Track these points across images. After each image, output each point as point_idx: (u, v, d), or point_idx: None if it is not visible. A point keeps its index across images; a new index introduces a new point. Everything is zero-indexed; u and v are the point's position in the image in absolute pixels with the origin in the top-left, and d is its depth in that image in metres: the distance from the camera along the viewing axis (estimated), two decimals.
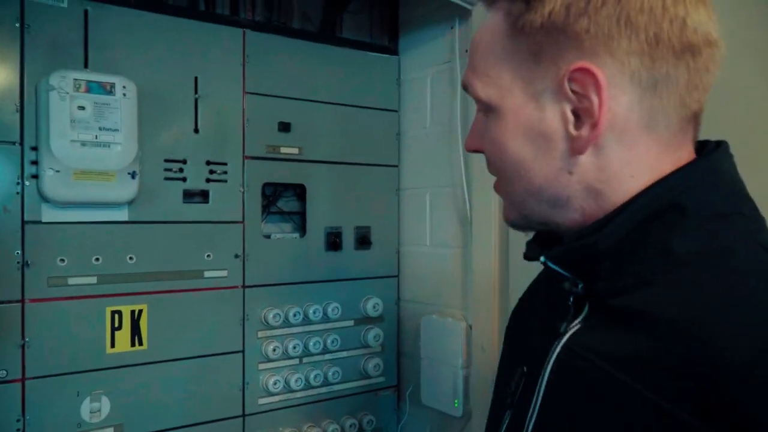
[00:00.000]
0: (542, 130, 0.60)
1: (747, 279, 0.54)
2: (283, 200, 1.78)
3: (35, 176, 1.32)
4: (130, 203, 1.44)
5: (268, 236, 1.70)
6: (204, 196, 1.56)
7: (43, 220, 1.35)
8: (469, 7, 1.60)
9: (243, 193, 1.62)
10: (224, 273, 1.59)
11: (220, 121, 1.58)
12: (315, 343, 1.71)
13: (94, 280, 1.41)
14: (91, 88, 1.31)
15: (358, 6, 2.02)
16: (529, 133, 0.61)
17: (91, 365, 1.42)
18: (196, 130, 1.54)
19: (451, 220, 1.76)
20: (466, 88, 0.66)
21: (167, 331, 1.51)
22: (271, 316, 1.64)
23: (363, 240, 1.84)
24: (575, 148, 0.59)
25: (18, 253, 1.33)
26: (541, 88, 0.59)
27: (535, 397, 0.62)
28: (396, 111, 1.92)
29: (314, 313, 1.71)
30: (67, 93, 1.28)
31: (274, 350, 1.65)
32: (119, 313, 1.45)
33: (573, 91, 0.57)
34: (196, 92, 1.54)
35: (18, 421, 1.33)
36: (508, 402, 0.69)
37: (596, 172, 0.59)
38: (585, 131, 0.58)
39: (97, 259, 1.42)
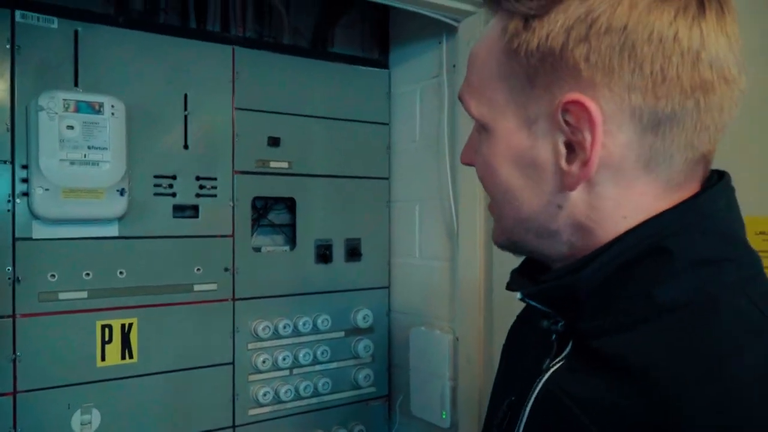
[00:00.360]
0: (533, 160, 0.56)
1: (728, 338, 0.51)
2: (275, 213, 1.80)
3: (26, 194, 1.35)
4: (120, 219, 1.46)
5: (258, 249, 1.72)
6: (194, 210, 1.59)
7: (34, 237, 1.38)
8: (455, 23, 1.62)
9: (233, 207, 1.64)
10: (214, 286, 1.62)
11: (210, 136, 1.61)
12: (305, 355, 1.74)
13: (84, 294, 1.44)
14: (80, 107, 1.34)
15: (349, 20, 2.04)
16: (519, 161, 0.57)
17: (82, 378, 1.44)
18: (186, 146, 1.57)
19: (439, 232, 1.78)
20: (461, 101, 0.62)
21: (157, 344, 1.54)
22: (260, 328, 1.66)
23: (353, 252, 1.87)
24: (566, 183, 0.55)
25: (9, 269, 1.36)
26: (535, 114, 0.55)
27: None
28: (387, 124, 1.94)
29: (304, 325, 1.73)
30: (56, 113, 1.31)
31: (263, 362, 1.67)
32: (109, 326, 1.47)
33: (566, 123, 0.53)
34: (185, 109, 1.57)
35: None
36: None
37: (587, 209, 0.55)
38: (576, 167, 0.53)
39: (88, 274, 1.44)
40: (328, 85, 1.83)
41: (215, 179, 1.62)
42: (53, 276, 1.40)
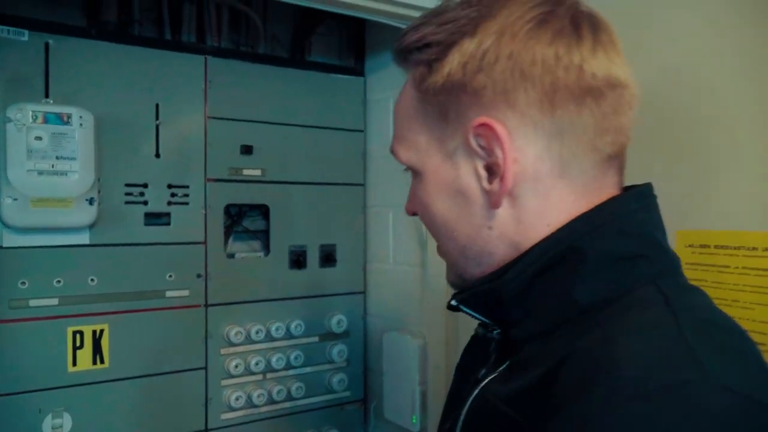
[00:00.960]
0: (460, 188, 0.61)
1: (622, 342, 0.52)
2: (250, 220, 1.83)
3: None
4: (91, 227, 1.49)
5: (232, 256, 1.75)
6: (166, 218, 1.62)
7: (4, 245, 1.41)
8: None
9: (205, 214, 1.67)
10: (186, 292, 1.64)
11: (182, 145, 1.64)
12: (278, 360, 1.76)
13: (55, 301, 1.47)
14: (48, 119, 1.37)
15: (326, 28, 2.07)
16: (449, 192, 0.62)
17: (53, 383, 1.47)
18: (158, 155, 1.60)
19: (411, 239, 1.80)
20: (393, 154, 0.68)
21: (129, 350, 1.57)
22: (233, 333, 1.69)
23: (328, 258, 1.89)
24: (491, 202, 0.59)
25: None
26: (453, 146, 0.60)
27: None
28: (362, 131, 1.97)
29: (277, 330, 1.76)
30: (24, 124, 1.33)
31: (236, 367, 1.70)
32: (81, 332, 1.50)
33: (480, 147, 0.58)
34: (157, 118, 1.59)
35: None
36: None
37: (515, 224, 0.60)
38: (496, 185, 0.58)
39: (59, 281, 1.47)
40: (304, 93, 1.85)
41: (187, 187, 1.65)
42: (23, 283, 1.43)
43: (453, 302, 0.66)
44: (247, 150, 1.74)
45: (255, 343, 1.74)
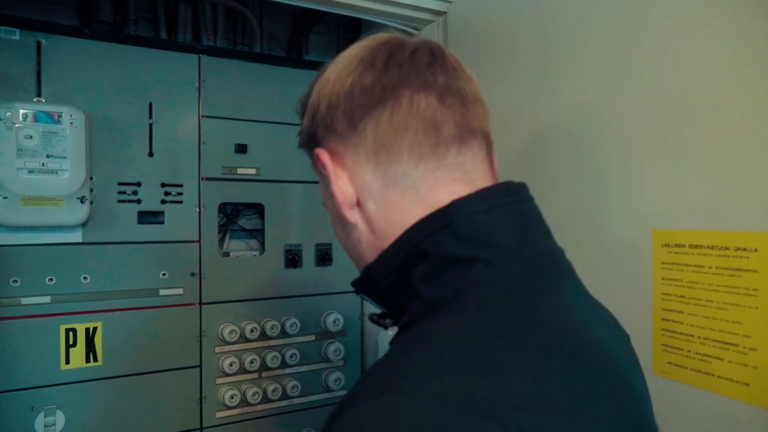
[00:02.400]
0: (335, 213, 0.71)
1: (426, 337, 0.56)
2: (246, 218, 1.83)
3: None
4: (83, 225, 1.50)
5: (227, 254, 1.75)
6: (159, 216, 1.62)
7: None
8: (413, 32, 1.64)
9: (199, 213, 1.67)
10: (180, 291, 1.65)
11: (176, 144, 1.64)
12: (273, 358, 1.76)
13: (47, 299, 1.48)
14: (39, 117, 1.38)
15: (323, 27, 2.07)
16: (335, 220, 0.73)
17: (46, 381, 1.48)
18: (151, 154, 1.60)
19: None
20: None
21: (123, 348, 1.57)
22: (227, 331, 1.69)
23: (324, 257, 1.89)
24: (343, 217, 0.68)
25: None
26: (325, 183, 0.70)
27: None
28: None
29: (272, 328, 1.76)
30: (14, 123, 1.34)
31: (230, 365, 1.70)
32: (73, 330, 1.51)
33: (323, 174, 0.69)
34: (150, 117, 1.60)
35: None
36: None
37: (371, 234, 0.67)
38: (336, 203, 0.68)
39: (51, 279, 1.48)
40: (299, 92, 1.82)
41: (181, 186, 1.65)
42: (15, 281, 1.44)
43: (352, 287, 0.73)
44: (241, 149, 1.74)
45: (249, 341, 1.74)
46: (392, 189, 0.64)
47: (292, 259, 1.83)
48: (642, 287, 0.92)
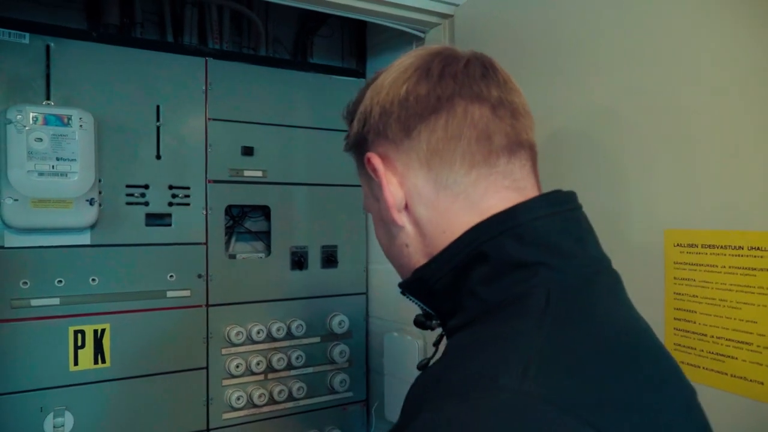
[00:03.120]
0: (381, 216, 0.72)
1: (520, 327, 0.57)
2: (252, 221, 1.84)
3: None
4: (92, 227, 1.51)
5: (233, 256, 1.76)
6: (167, 218, 1.63)
7: (6, 245, 1.42)
8: (421, 35, 1.65)
9: (206, 215, 1.68)
10: (187, 293, 1.65)
11: (183, 147, 1.65)
12: (279, 360, 1.77)
13: (56, 301, 1.48)
14: (49, 120, 1.39)
15: (328, 30, 2.08)
16: (380, 223, 0.74)
17: (55, 382, 1.49)
18: (159, 157, 1.61)
19: None
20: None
21: (131, 349, 1.58)
22: (233, 333, 1.70)
23: (329, 259, 1.89)
24: (391, 220, 0.70)
25: None
26: (372, 185, 0.72)
27: None
28: None
29: (278, 330, 1.76)
30: (24, 126, 1.35)
31: (237, 367, 1.71)
32: (82, 332, 1.52)
33: (374, 176, 0.70)
34: (158, 120, 1.61)
35: None
36: None
37: (420, 238, 0.69)
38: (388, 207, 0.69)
39: (60, 281, 1.49)
40: (305, 95, 1.86)
41: (188, 188, 1.66)
42: (25, 283, 1.45)
43: (399, 290, 0.74)
44: (247, 151, 1.75)
45: (256, 343, 1.75)
46: (443, 194, 0.66)
47: (298, 260, 1.83)
48: (654, 287, 0.93)
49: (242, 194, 1.75)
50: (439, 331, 0.80)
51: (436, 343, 0.81)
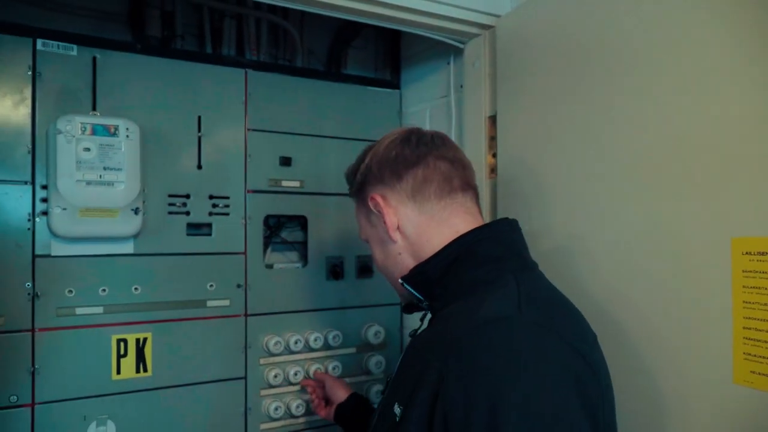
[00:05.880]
0: (380, 238, 1.07)
1: (483, 299, 0.87)
2: (288, 230, 1.85)
3: (45, 213, 1.41)
4: (135, 237, 1.52)
5: (270, 266, 1.76)
6: (207, 228, 1.64)
7: (53, 254, 1.44)
8: (460, 45, 1.66)
9: (245, 225, 1.69)
10: (227, 302, 1.66)
11: (223, 157, 1.66)
12: (316, 370, 1.76)
13: (100, 309, 1.50)
14: (96, 130, 1.40)
15: (362, 42, 2.09)
16: (378, 243, 1.09)
17: (98, 391, 1.50)
18: (200, 167, 1.62)
19: None
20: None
21: (171, 358, 1.59)
22: (272, 343, 1.70)
23: (365, 269, 1.90)
24: (390, 238, 1.04)
25: (29, 285, 1.42)
26: (371, 217, 1.08)
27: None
28: None
29: (315, 340, 1.76)
30: (73, 136, 1.37)
31: (275, 377, 1.71)
32: (125, 341, 1.53)
33: (376, 210, 1.04)
34: (199, 130, 1.62)
35: None
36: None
37: (410, 247, 1.03)
38: (387, 230, 1.04)
39: (104, 290, 1.50)
40: (341, 105, 1.87)
41: (228, 198, 1.67)
42: (71, 291, 1.46)
43: (400, 281, 1.03)
44: (286, 162, 1.76)
45: (294, 353, 1.75)
46: (423, 217, 1.01)
47: (335, 270, 1.84)
48: (721, 296, 0.93)
49: (280, 204, 1.76)
50: (422, 313, 1.17)
51: (422, 318, 1.19)
